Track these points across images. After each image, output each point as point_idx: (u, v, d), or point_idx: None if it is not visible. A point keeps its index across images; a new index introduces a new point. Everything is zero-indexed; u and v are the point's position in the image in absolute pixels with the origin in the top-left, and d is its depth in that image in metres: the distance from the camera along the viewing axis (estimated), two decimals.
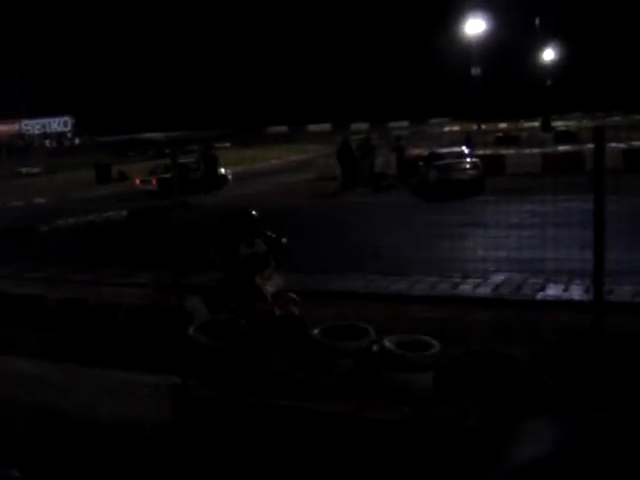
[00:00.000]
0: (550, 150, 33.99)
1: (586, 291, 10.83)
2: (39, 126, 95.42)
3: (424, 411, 5.02)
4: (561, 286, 11.36)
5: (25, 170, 54.32)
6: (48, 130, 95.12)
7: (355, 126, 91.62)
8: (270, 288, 8.00)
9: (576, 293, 10.87)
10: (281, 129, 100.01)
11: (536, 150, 33.77)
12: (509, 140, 46.45)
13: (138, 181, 33.06)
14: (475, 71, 63.41)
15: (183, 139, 72.06)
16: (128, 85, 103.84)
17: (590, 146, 25.97)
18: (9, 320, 8.69)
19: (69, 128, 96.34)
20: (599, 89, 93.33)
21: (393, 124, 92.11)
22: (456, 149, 29.24)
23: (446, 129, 73.43)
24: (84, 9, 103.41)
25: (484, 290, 11.56)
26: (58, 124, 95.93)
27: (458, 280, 12.15)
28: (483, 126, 62.18)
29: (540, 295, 11.04)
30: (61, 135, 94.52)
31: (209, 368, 6.28)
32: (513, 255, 12.99)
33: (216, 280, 8.48)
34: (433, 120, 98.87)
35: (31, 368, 6.60)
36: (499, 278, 12.09)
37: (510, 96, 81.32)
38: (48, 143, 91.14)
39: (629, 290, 10.64)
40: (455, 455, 4.72)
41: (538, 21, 59.45)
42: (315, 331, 6.63)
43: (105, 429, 5.91)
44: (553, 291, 11.16)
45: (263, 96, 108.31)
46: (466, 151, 28.14)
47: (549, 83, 64.24)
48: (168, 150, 50.33)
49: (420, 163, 27.61)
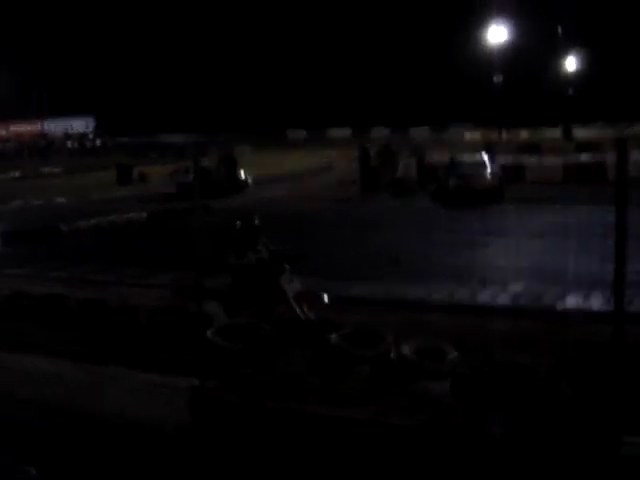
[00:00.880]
0: (571, 159, 33.80)
1: (606, 302, 10.80)
2: (61, 126, 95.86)
3: (443, 418, 5.03)
4: (581, 296, 11.33)
5: (47, 170, 54.55)
6: (70, 130, 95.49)
7: (375, 131, 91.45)
8: (291, 292, 8.01)
9: (596, 303, 10.84)
10: (300, 133, 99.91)
11: (557, 159, 33.59)
12: (530, 148, 46.23)
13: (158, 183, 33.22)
14: (497, 78, 63.24)
15: (203, 142, 72.20)
16: (149, 87, 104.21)
17: (612, 156, 25.95)
18: (32, 319, 8.78)
19: (90, 129, 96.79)
20: (622, 99, 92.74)
21: (414, 130, 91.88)
22: (476, 156, 29.15)
23: (466, 136, 73.14)
24: (107, 11, 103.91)
25: (503, 299, 11.54)
26: (80, 125, 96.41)
27: (477, 288, 12.13)
28: (504, 134, 61.94)
29: (560, 305, 11.01)
30: (82, 136, 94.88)
31: (228, 371, 6.31)
32: (533, 264, 12.98)
33: (228, 284, 8.44)
34: (453, 127, 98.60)
35: (53, 367, 6.68)
36: (518, 287, 12.06)
37: (531, 104, 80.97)
38: (70, 143, 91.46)
39: None
40: (474, 461, 4.73)
41: (561, 29, 59.24)
42: (333, 336, 6.65)
43: (126, 428, 5.96)
44: (573, 301, 11.13)
45: (283, 100, 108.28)
46: (486, 159, 28.04)
47: (571, 92, 63.92)
48: (189, 152, 50.56)
49: (440, 170, 27.54)
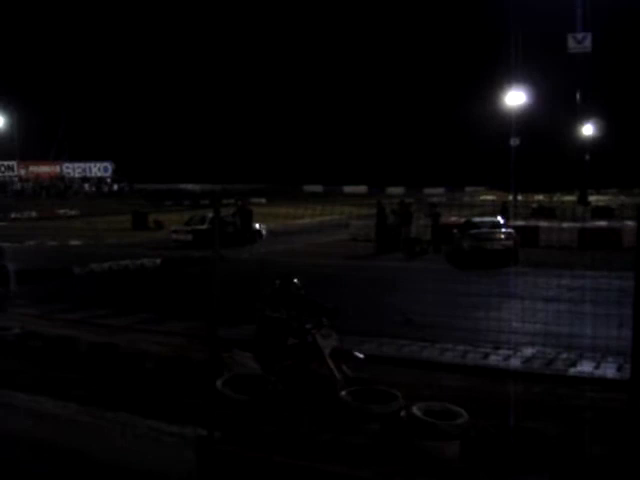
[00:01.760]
0: (587, 224, 33.82)
1: (618, 369, 10.72)
2: (80, 169, 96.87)
3: None
4: (593, 363, 11.24)
5: (63, 212, 55.03)
6: (88, 174, 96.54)
7: (391, 190, 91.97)
8: (327, 348, 7.94)
9: (609, 371, 10.74)
10: (317, 188, 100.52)
11: (573, 224, 33.61)
12: (545, 212, 46.31)
13: (173, 231, 33.34)
14: (514, 142, 63.56)
15: (219, 192, 72.68)
16: (169, 136, 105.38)
17: (628, 222, 25.97)
18: (43, 360, 8.77)
19: (109, 173, 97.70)
20: (637, 166, 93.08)
21: (429, 190, 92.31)
22: (491, 219, 29.22)
23: (481, 198, 73.38)
24: (132, 58, 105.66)
25: (515, 362, 11.46)
26: (99, 169, 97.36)
27: (489, 350, 12.07)
28: (519, 197, 62.09)
29: (572, 371, 10.92)
30: (100, 180, 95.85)
31: (236, 423, 6.27)
32: (546, 329, 12.88)
33: (257, 336, 8.37)
34: (469, 188, 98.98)
35: (59, 409, 6.64)
36: (530, 351, 11.99)
37: (547, 168, 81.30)
38: (87, 187, 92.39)
39: None
40: None
41: (579, 95, 59.65)
42: (344, 393, 6.61)
43: (129, 475, 5.90)
44: (585, 367, 11.04)
45: (300, 154, 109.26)
46: (501, 221, 28.11)
47: (587, 158, 64.12)
48: (206, 201, 50.81)
49: (455, 230, 27.57)
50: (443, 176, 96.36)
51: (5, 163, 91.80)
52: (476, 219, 29.68)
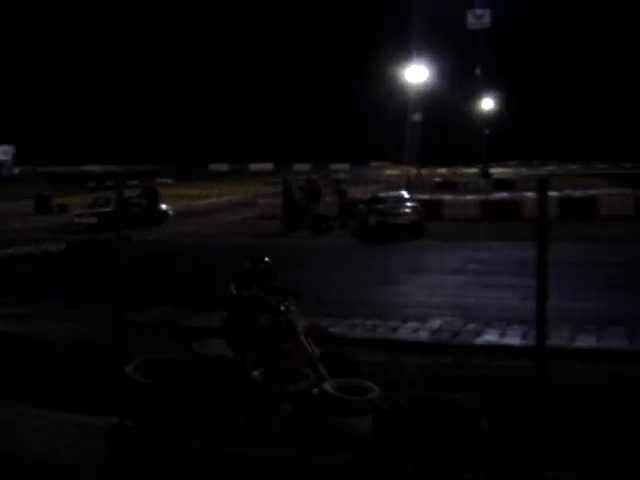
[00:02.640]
0: (489, 197, 34.59)
1: (523, 337, 11.01)
2: None
3: (366, 458, 5.01)
4: (498, 332, 11.51)
5: None
6: None
7: (297, 167, 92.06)
8: (300, 326, 7.89)
9: (513, 339, 11.02)
10: (223, 167, 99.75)
11: (475, 196, 34.32)
12: (448, 186, 47.14)
13: (77, 214, 32.59)
14: (416, 117, 64.29)
15: (123, 173, 71.44)
16: (70, 116, 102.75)
17: (528, 194, 26.74)
18: None
19: (9, 157, 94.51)
20: (536, 138, 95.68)
21: (334, 166, 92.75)
22: (396, 193, 29.57)
23: (386, 172, 74.18)
24: (28, 37, 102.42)
25: (423, 335, 11.64)
26: None
27: (397, 324, 12.21)
28: (423, 171, 62.97)
29: (478, 340, 11.16)
30: (1, 164, 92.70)
31: (147, 409, 6.17)
32: (452, 301, 13.14)
33: (224, 320, 8.20)
34: (374, 163, 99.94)
35: None
36: (438, 323, 12.18)
37: (449, 142, 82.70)
38: None
39: (566, 335, 10.85)
40: None
41: (479, 71, 60.72)
42: (255, 373, 6.57)
43: (41, 469, 5.75)
44: (491, 337, 11.29)
45: (205, 133, 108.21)
46: (406, 195, 28.47)
47: (488, 131, 65.45)
48: (110, 183, 49.81)
49: (361, 206, 27.78)
50: (348, 152, 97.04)
51: None
52: (381, 194, 29.99)
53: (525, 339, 10.76)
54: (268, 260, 8.33)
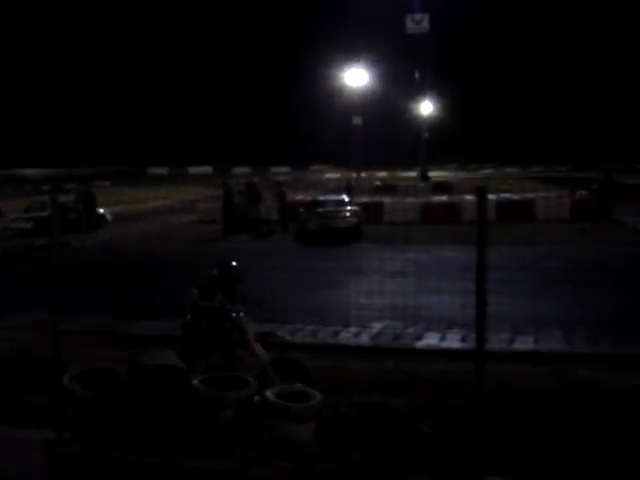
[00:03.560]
0: (428, 200, 34.90)
1: (462, 340, 11.13)
2: None
3: (308, 466, 4.97)
4: (438, 335, 11.60)
5: None
6: None
7: (237, 170, 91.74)
8: (251, 333, 7.82)
9: (453, 342, 11.13)
10: (161, 170, 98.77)
11: (415, 199, 34.60)
12: (388, 189, 47.43)
13: (12, 219, 31.91)
14: (356, 120, 64.67)
15: (60, 176, 70.33)
16: (4, 118, 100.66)
17: (466, 197, 27.06)
18: None
19: None
20: (473, 142, 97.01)
21: (274, 169, 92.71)
22: (336, 197, 29.65)
23: (326, 176, 74.41)
24: None
25: (364, 339, 11.68)
26: None
27: (339, 328, 12.23)
28: (363, 174, 63.33)
29: (418, 344, 11.23)
30: None
31: (86, 421, 6.03)
32: (392, 303, 13.18)
33: (181, 328, 8.05)
34: (314, 167, 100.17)
35: None
36: (379, 326, 12.23)
37: (389, 146, 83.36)
38: None
39: (505, 338, 10.99)
40: None
41: (418, 74, 61.37)
42: (195, 381, 6.48)
43: None
44: (431, 340, 11.39)
45: (143, 135, 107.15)
46: (346, 199, 28.57)
47: (427, 135, 66.13)
48: (46, 187, 48.92)
49: (301, 209, 27.80)
50: (288, 155, 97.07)
51: None
52: (321, 197, 30.04)
53: (465, 342, 10.87)
54: (236, 265, 8.24)
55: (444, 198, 35.83)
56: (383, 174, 73.53)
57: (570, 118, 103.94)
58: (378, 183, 54.08)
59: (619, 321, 11.64)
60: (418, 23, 57.00)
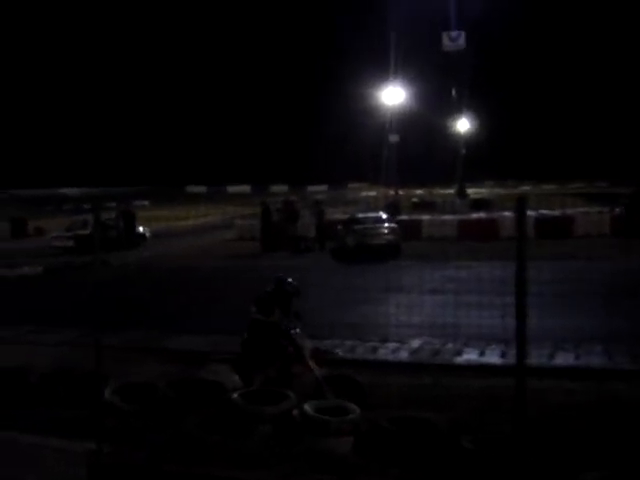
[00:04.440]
0: (465, 217, 34.75)
1: (501, 355, 11.05)
2: None
3: (347, 479, 4.98)
4: (477, 351, 11.53)
5: None
6: None
7: (274, 188, 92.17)
8: (307, 349, 7.90)
9: (493, 358, 11.05)
10: (200, 189, 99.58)
11: (452, 216, 34.48)
12: (425, 206, 47.32)
13: (54, 237, 32.38)
14: (393, 138, 64.59)
15: (100, 195, 71.19)
16: (45, 139, 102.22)
17: (505, 213, 26.86)
18: None
19: None
20: (511, 159, 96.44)
21: (312, 188, 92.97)
22: (374, 214, 29.64)
23: (364, 194, 74.40)
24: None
25: (403, 354, 11.64)
26: None
27: (377, 344, 12.22)
28: (400, 192, 63.24)
29: (457, 360, 11.17)
30: None
31: (126, 433, 6.10)
32: (430, 320, 13.13)
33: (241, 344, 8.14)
34: (351, 184, 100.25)
35: None
36: (417, 342, 12.19)
37: (426, 163, 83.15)
38: None
39: (545, 353, 10.90)
40: None
41: (454, 92, 61.23)
42: (235, 395, 6.53)
43: None
44: (470, 356, 11.32)
45: (182, 155, 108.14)
46: (384, 216, 28.54)
47: (464, 152, 65.82)
48: (87, 206, 49.59)
49: (339, 227, 27.84)
50: (326, 173, 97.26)
51: None
52: (359, 215, 30.05)
53: (504, 357, 10.79)
54: (292, 281, 8.30)
55: (482, 215, 35.65)
56: (420, 191, 73.36)
57: (609, 133, 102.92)
58: (416, 200, 53.97)
59: None
60: (454, 40, 56.90)
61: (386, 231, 26.20)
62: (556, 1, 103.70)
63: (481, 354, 11.38)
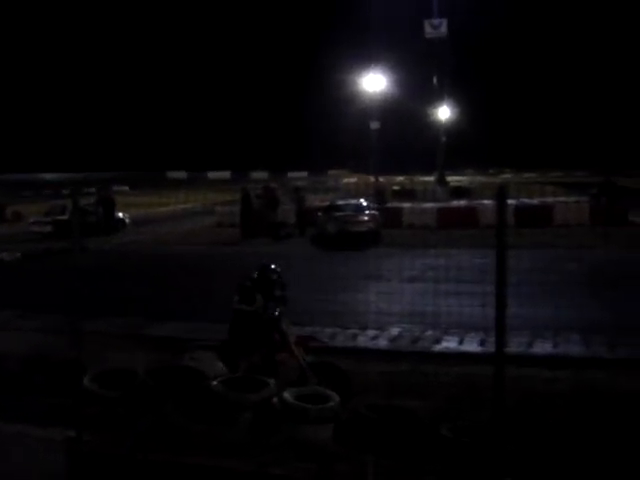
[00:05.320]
0: (446, 205, 34.82)
1: (481, 343, 11.11)
2: None
3: (328, 467, 4.99)
4: (456, 339, 11.58)
5: None
6: None
7: (255, 175, 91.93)
8: (292, 336, 7.90)
9: (472, 346, 11.11)
10: (180, 175, 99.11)
11: (432, 204, 34.53)
12: (406, 194, 47.34)
13: (32, 222, 32.16)
14: (374, 125, 64.52)
15: (79, 180, 70.67)
16: (24, 123, 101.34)
17: (485, 202, 26.97)
18: None
19: None
20: (492, 147, 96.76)
21: (292, 174, 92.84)
22: (354, 201, 29.61)
23: (344, 181, 74.34)
24: None
25: (382, 342, 11.68)
26: None
27: (357, 331, 12.25)
28: (381, 179, 63.19)
29: (437, 347, 11.23)
30: None
31: (105, 420, 6.08)
32: (410, 308, 13.18)
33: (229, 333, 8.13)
34: (331, 171, 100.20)
35: None
36: (397, 330, 12.23)
37: (406, 150, 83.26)
38: None
39: (524, 341, 10.96)
40: None
41: (436, 79, 61.12)
42: (215, 382, 6.51)
43: None
44: (449, 344, 11.37)
45: (162, 140, 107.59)
46: (364, 203, 28.53)
47: (444, 139, 65.83)
48: (66, 191, 49.23)
49: (319, 214, 27.82)
50: (305, 160, 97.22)
51: None
52: (340, 202, 29.99)
53: (483, 346, 10.85)
54: (275, 268, 8.28)
55: (462, 203, 35.73)
56: (401, 179, 73.40)
57: (590, 123, 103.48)
58: (396, 188, 53.98)
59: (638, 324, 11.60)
60: (436, 28, 56.78)
61: (366, 218, 26.22)
62: None
63: (460, 342, 11.44)
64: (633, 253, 20.19)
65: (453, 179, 66.36)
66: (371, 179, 57.49)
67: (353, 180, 70.11)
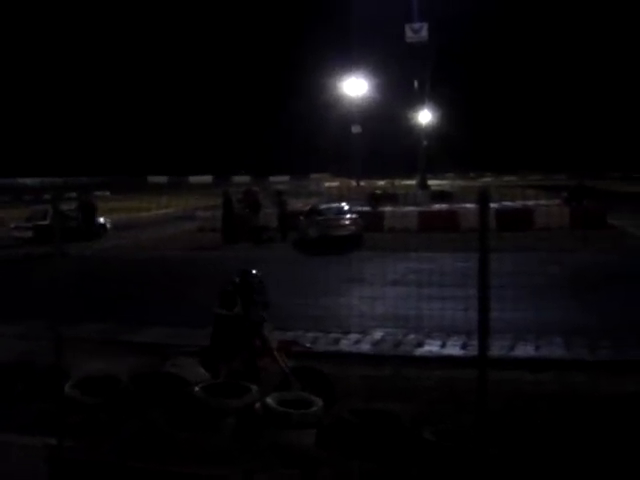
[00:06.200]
0: (427, 208, 34.94)
1: (463, 347, 11.13)
2: None
3: (312, 473, 4.98)
4: (439, 342, 11.60)
5: None
6: None
7: (236, 179, 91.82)
8: (274, 342, 7.86)
9: (454, 349, 11.13)
10: (161, 179, 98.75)
11: (413, 208, 34.62)
12: (387, 197, 47.45)
13: (13, 227, 31.90)
14: (355, 129, 64.72)
15: (60, 185, 70.35)
16: (4, 127, 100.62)
17: (465, 205, 27.07)
18: None
19: None
20: (473, 151, 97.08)
21: (273, 178, 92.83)
22: (336, 205, 29.63)
23: (326, 185, 74.46)
24: None
25: (365, 346, 11.68)
26: None
27: (339, 335, 12.24)
28: (362, 183, 63.36)
29: (419, 351, 11.24)
30: None
31: (88, 428, 6.03)
32: (392, 312, 13.19)
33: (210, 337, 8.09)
34: (313, 175, 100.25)
35: None
36: (379, 334, 12.24)
37: (388, 154, 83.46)
38: None
39: (506, 345, 11.00)
40: None
41: (417, 83, 61.29)
42: (197, 389, 6.48)
43: None
44: (431, 347, 11.38)
45: (143, 145, 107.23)
46: (346, 207, 28.55)
47: (425, 143, 66.01)
48: (47, 196, 48.94)
49: (301, 218, 27.82)
50: (287, 164, 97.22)
51: None
52: (322, 206, 30.00)
53: (466, 349, 10.88)
54: (257, 273, 8.25)
55: (444, 206, 35.86)
56: (382, 182, 73.60)
57: (569, 127, 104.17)
58: (378, 191, 54.14)
59: (620, 326, 11.69)
60: (417, 32, 56.97)
61: (348, 222, 26.24)
62: None
63: (443, 346, 11.46)
64: (611, 255, 20.35)
65: (434, 183, 66.57)
66: (353, 183, 57.65)
67: (335, 184, 70.18)
